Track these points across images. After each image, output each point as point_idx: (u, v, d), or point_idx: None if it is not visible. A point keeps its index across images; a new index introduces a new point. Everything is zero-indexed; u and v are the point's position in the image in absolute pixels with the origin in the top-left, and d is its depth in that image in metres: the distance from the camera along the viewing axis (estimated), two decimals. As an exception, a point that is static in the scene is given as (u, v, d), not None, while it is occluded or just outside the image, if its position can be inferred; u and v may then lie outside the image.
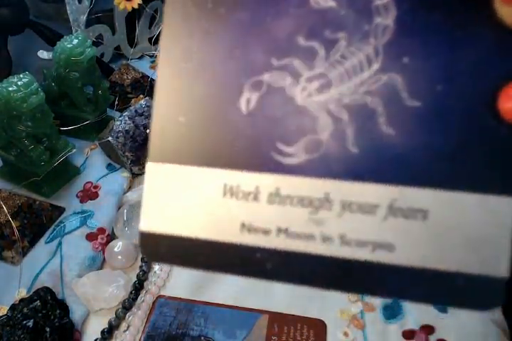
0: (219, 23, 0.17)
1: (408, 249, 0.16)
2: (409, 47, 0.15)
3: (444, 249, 0.15)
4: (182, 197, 0.17)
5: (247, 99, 0.17)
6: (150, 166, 0.18)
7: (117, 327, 0.40)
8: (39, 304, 0.38)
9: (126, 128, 0.51)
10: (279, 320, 0.41)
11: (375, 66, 0.16)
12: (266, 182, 0.17)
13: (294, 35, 0.16)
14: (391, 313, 0.42)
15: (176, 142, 0.17)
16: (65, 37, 0.53)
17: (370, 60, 0.16)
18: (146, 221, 0.18)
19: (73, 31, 0.60)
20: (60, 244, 0.46)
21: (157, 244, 0.18)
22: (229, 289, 0.43)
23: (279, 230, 0.17)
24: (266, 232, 0.17)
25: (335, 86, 0.16)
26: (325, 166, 0.16)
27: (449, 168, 0.15)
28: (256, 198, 0.17)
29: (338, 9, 0.16)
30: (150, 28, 0.74)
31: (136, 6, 0.63)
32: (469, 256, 0.15)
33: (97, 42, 0.65)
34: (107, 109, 0.59)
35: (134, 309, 0.41)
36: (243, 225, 0.17)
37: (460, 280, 0.15)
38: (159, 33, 0.76)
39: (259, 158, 0.17)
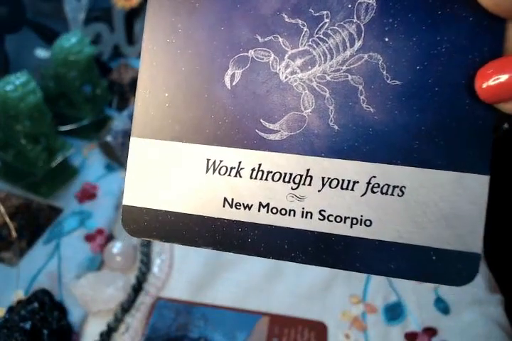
0: None
1: (385, 224, 0.16)
2: (390, 27, 0.16)
3: (420, 225, 0.16)
4: (165, 172, 0.18)
5: (232, 75, 0.17)
6: (133, 141, 0.18)
7: (116, 329, 0.40)
8: (37, 306, 0.38)
9: (125, 128, 0.50)
10: (279, 322, 0.41)
11: (357, 45, 0.16)
12: (248, 158, 0.17)
13: (278, 13, 0.17)
14: (393, 315, 0.41)
15: (159, 117, 0.18)
16: (63, 35, 0.52)
17: (352, 38, 0.16)
18: (129, 195, 0.18)
19: (71, 30, 0.59)
20: (58, 245, 0.46)
21: (139, 219, 0.18)
22: (229, 290, 0.43)
23: (261, 205, 0.17)
24: (248, 207, 0.17)
25: (318, 63, 0.17)
26: (307, 143, 0.17)
27: (427, 146, 0.16)
28: (238, 174, 0.17)
29: None
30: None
31: (134, 5, 0.63)
32: (444, 232, 0.16)
33: (95, 41, 0.64)
34: (106, 108, 0.59)
35: (132, 311, 0.41)
36: (225, 200, 0.17)
37: (434, 255, 0.16)
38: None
39: (243, 134, 0.17)
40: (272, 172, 0.17)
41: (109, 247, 0.45)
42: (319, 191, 0.17)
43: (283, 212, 0.17)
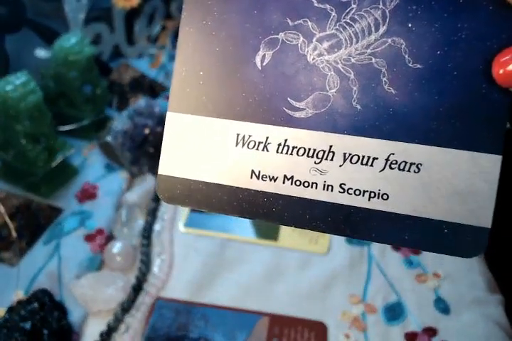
0: None
1: (401, 198, 0.17)
2: (414, 13, 0.17)
3: (434, 200, 0.17)
4: (198, 144, 0.19)
5: (263, 56, 0.18)
6: (169, 116, 0.19)
7: (116, 329, 0.40)
8: (37, 306, 0.38)
9: (125, 128, 0.50)
10: (279, 322, 0.41)
11: (382, 29, 0.17)
12: (275, 133, 0.18)
13: None
14: (393, 315, 0.41)
15: (194, 94, 0.19)
16: (63, 35, 0.52)
17: (377, 23, 0.17)
18: (164, 165, 0.19)
19: (71, 30, 0.59)
20: (58, 245, 0.46)
21: (173, 187, 0.19)
22: (229, 290, 0.43)
23: (286, 178, 0.18)
24: (273, 179, 0.18)
25: (344, 46, 0.18)
26: (330, 121, 0.18)
27: (444, 126, 0.17)
28: (266, 148, 0.18)
29: None
30: (149, 26, 0.73)
31: (134, 5, 0.63)
32: (456, 207, 0.17)
33: (95, 41, 0.64)
34: (106, 108, 0.59)
35: (132, 311, 0.41)
36: (253, 172, 0.19)
37: (446, 228, 0.17)
38: (158, 31, 0.76)
39: (271, 111, 0.18)
40: (296, 147, 0.18)
41: (109, 247, 0.45)
42: (340, 166, 0.18)
43: (306, 184, 0.18)
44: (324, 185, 0.18)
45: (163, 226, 0.48)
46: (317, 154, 0.18)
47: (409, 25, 0.17)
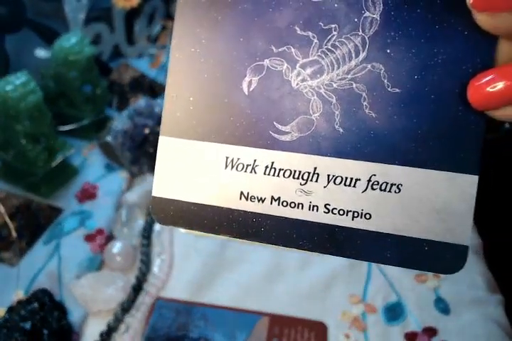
0: (226, 13, 0.19)
1: (383, 217, 0.18)
2: (392, 40, 0.17)
3: (415, 219, 0.18)
4: (189, 167, 0.20)
5: (249, 82, 0.19)
6: (162, 140, 0.20)
7: (116, 329, 0.40)
8: (37, 306, 0.38)
9: (125, 128, 0.50)
10: (279, 322, 0.41)
11: (362, 55, 0.18)
12: (263, 156, 0.19)
13: (291, 26, 0.18)
14: (393, 315, 0.41)
15: (184, 119, 0.20)
16: (63, 35, 0.52)
17: (357, 49, 0.18)
18: (158, 188, 0.20)
19: (71, 29, 0.59)
20: (58, 245, 0.46)
21: (167, 208, 0.20)
22: (229, 290, 0.43)
23: (273, 199, 0.19)
24: (261, 200, 0.19)
25: (326, 72, 0.18)
26: (314, 144, 0.18)
27: (423, 148, 0.18)
28: (254, 170, 0.19)
29: (332, 2, 0.18)
30: (149, 26, 0.73)
31: (134, 5, 0.63)
32: (436, 226, 0.17)
33: (95, 41, 0.64)
34: (106, 108, 0.59)
35: (132, 311, 0.41)
36: (242, 193, 0.19)
37: (427, 246, 0.18)
38: (158, 31, 0.76)
39: (258, 134, 0.19)
40: (283, 169, 0.19)
41: (109, 247, 0.45)
42: (325, 187, 0.18)
43: (292, 205, 0.19)
44: (310, 206, 0.19)
45: (163, 227, 0.48)
46: (302, 176, 0.19)
47: (388, 51, 0.17)
